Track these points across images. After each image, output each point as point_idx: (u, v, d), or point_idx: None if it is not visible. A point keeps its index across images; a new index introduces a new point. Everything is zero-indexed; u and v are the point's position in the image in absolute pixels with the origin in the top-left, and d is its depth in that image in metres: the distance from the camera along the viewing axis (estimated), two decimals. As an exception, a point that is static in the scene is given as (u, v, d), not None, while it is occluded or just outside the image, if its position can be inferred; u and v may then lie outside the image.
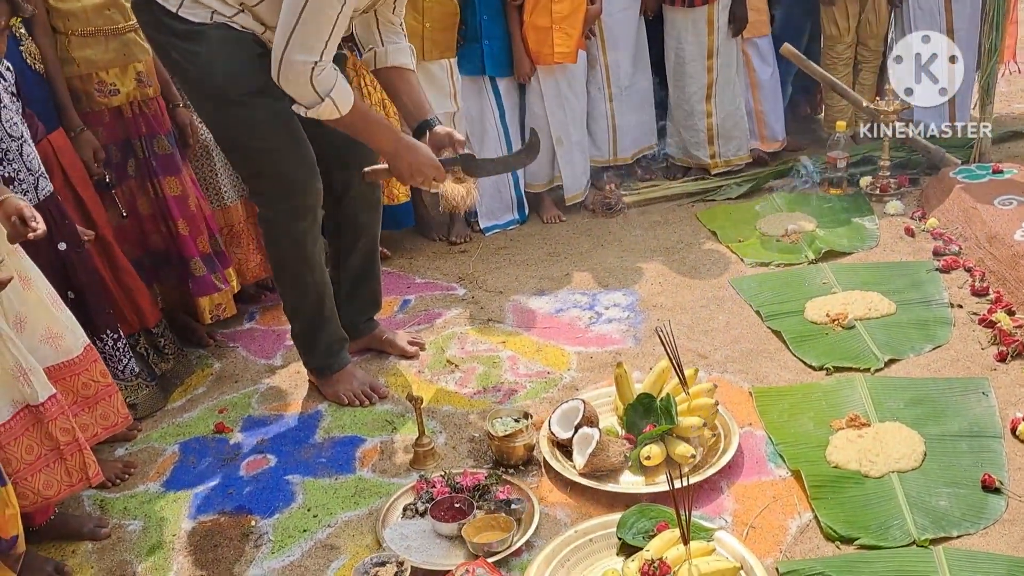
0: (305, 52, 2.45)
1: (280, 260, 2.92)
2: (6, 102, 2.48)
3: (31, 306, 2.30)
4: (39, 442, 2.24)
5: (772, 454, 2.57)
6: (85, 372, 2.46)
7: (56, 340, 2.38)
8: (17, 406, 2.20)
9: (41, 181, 2.58)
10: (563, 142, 4.35)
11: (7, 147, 2.47)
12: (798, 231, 3.96)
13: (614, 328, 3.36)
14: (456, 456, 2.70)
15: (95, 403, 2.49)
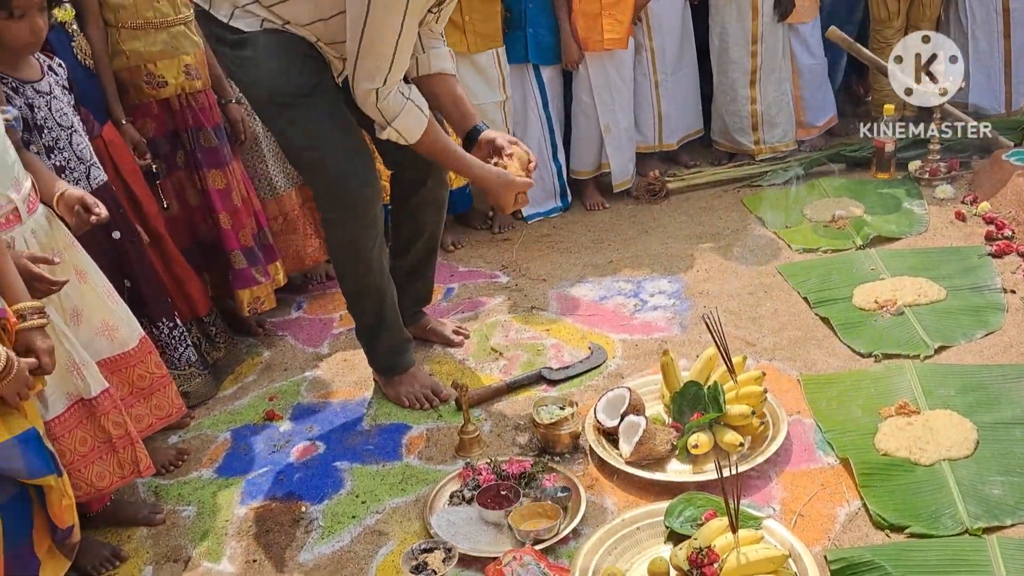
0: (368, 80, 2.47)
1: (339, 261, 2.90)
2: (57, 93, 2.53)
3: (87, 299, 2.36)
4: (92, 435, 2.30)
5: (820, 442, 2.55)
6: (140, 364, 2.52)
7: (112, 332, 2.43)
8: (71, 399, 2.26)
9: (93, 170, 2.63)
10: (611, 129, 4.34)
11: (57, 136, 2.52)
12: (846, 216, 3.91)
13: (659, 315, 3.35)
14: (501, 444, 2.71)
15: (150, 394, 2.54)
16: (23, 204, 2.14)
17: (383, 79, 2.49)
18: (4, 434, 1.79)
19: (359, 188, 2.69)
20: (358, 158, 2.70)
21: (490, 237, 4.29)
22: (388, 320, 2.93)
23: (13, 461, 1.80)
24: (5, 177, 2.10)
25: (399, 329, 2.97)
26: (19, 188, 2.14)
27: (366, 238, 2.77)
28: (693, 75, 4.70)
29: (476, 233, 4.34)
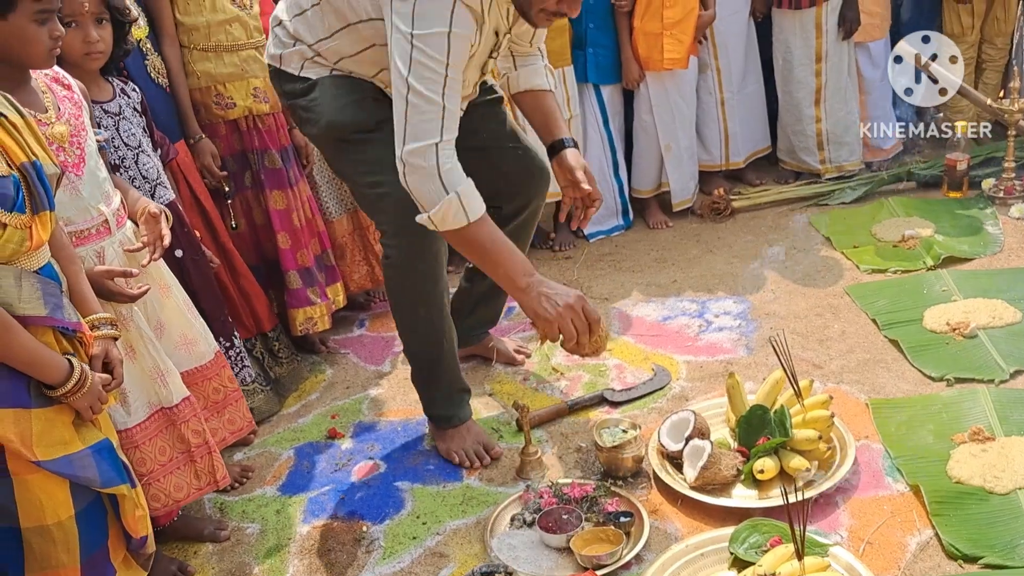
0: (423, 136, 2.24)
1: (398, 301, 2.73)
2: (127, 115, 2.61)
3: (169, 313, 2.42)
4: (171, 444, 2.35)
5: (890, 468, 2.49)
6: (216, 377, 2.57)
7: (191, 346, 2.49)
8: (152, 407, 2.32)
9: (159, 189, 2.69)
10: (671, 148, 4.31)
11: (123, 155, 2.59)
12: (916, 236, 3.82)
13: (725, 337, 3.31)
14: (563, 466, 2.70)
15: (223, 408, 2.59)
16: (112, 217, 2.22)
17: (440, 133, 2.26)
18: (79, 444, 1.83)
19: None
20: None
21: (551, 255, 4.28)
22: (445, 367, 2.77)
23: (87, 470, 1.84)
24: (97, 191, 2.19)
25: (456, 378, 2.81)
26: (109, 202, 2.23)
27: (428, 277, 2.64)
28: (759, 93, 4.66)
29: (537, 251, 4.34)
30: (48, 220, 1.82)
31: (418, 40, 2.22)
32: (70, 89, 2.21)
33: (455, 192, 2.25)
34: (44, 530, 1.82)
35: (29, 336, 1.75)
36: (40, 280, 1.80)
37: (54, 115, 2.10)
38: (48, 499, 1.81)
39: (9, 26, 1.93)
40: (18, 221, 1.73)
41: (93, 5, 2.44)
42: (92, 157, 2.20)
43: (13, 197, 1.72)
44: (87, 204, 2.17)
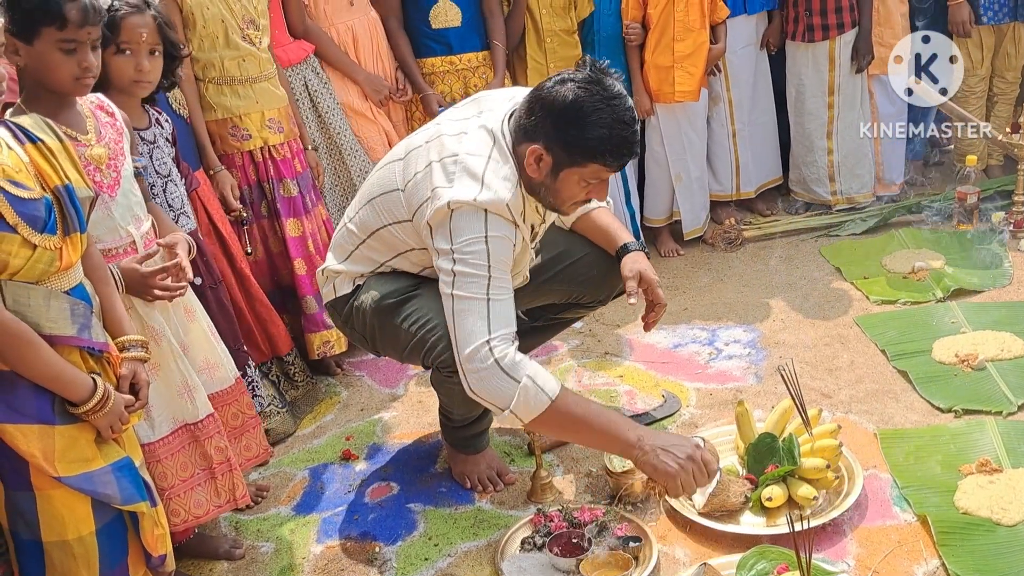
0: (472, 337, 2.26)
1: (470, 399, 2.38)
2: (160, 144, 2.68)
3: (193, 336, 2.47)
4: (193, 461, 2.40)
5: (897, 498, 2.51)
6: (235, 402, 2.61)
7: (213, 370, 2.53)
8: (177, 423, 2.37)
9: (182, 218, 2.76)
10: (682, 178, 4.36)
11: (153, 182, 2.66)
12: (926, 268, 3.86)
13: (735, 365, 3.34)
14: (573, 490, 2.73)
15: (241, 434, 2.63)
16: (140, 240, 2.29)
17: (487, 329, 2.26)
18: (100, 461, 1.88)
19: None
20: None
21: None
22: (483, 420, 2.78)
23: (108, 487, 1.89)
24: (128, 214, 2.26)
25: (487, 420, 2.80)
26: (139, 225, 2.30)
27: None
28: (771, 123, 4.71)
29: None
30: (79, 242, 1.88)
31: (458, 253, 2.28)
32: (113, 117, 2.29)
33: (525, 378, 2.23)
34: (65, 545, 1.87)
35: (53, 353, 1.80)
36: (69, 300, 1.86)
37: (94, 138, 2.18)
38: (70, 514, 1.86)
39: (35, 52, 2.01)
40: (48, 242, 1.79)
41: (150, 36, 2.52)
42: (127, 181, 2.27)
43: (44, 219, 1.79)
44: (117, 224, 2.24)
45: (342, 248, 2.69)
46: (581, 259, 2.83)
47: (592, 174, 2.32)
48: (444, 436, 2.90)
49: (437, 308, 2.39)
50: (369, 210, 2.58)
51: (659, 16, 4.08)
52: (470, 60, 3.91)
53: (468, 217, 2.28)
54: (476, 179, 2.32)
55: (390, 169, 2.57)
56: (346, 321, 2.70)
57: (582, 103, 2.24)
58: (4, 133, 1.83)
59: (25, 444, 1.79)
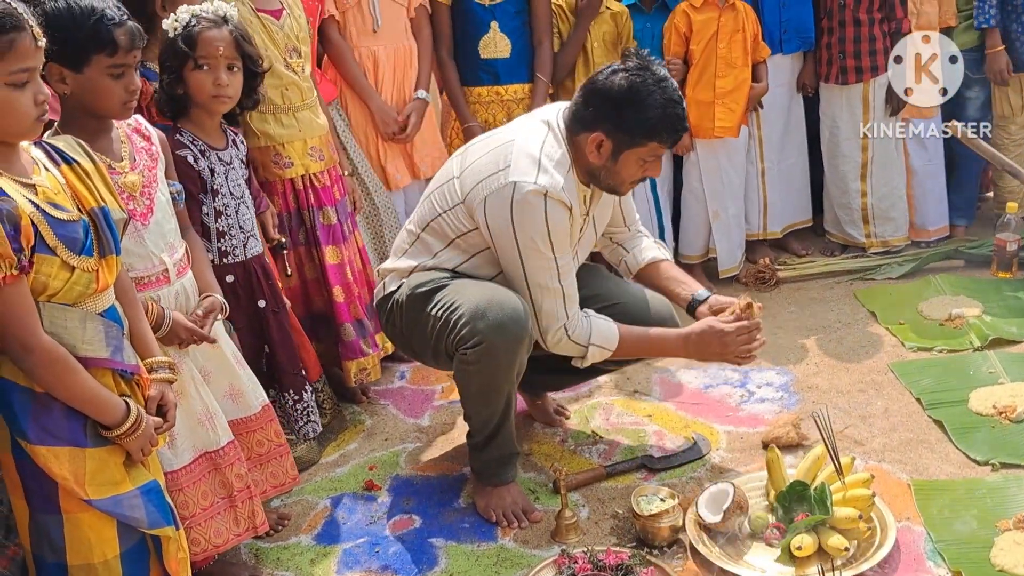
0: (554, 322, 2.65)
1: (487, 384, 2.67)
2: (235, 165, 2.72)
3: (216, 362, 2.46)
4: (214, 489, 2.39)
5: (931, 552, 2.45)
6: (260, 430, 2.59)
7: (237, 397, 2.53)
8: (198, 451, 2.36)
9: (251, 240, 2.78)
10: (719, 215, 4.33)
11: (227, 203, 2.68)
12: (963, 316, 3.79)
13: (766, 408, 3.29)
14: (598, 532, 2.69)
15: (267, 461, 2.61)
16: (173, 268, 2.28)
17: (564, 312, 2.66)
18: (128, 484, 1.88)
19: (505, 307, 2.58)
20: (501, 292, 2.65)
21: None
22: (504, 434, 2.78)
23: (135, 510, 1.88)
24: (161, 241, 2.26)
25: (512, 442, 2.82)
26: (173, 253, 2.30)
27: (512, 367, 2.63)
28: (801, 165, 4.66)
29: (581, 313, 4.35)
30: (114, 264, 1.88)
31: (522, 237, 2.57)
32: (149, 141, 2.29)
33: (591, 345, 2.70)
34: (91, 568, 1.86)
35: (90, 377, 1.80)
36: (104, 323, 1.86)
37: (128, 165, 2.19)
38: (96, 538, 1.85)
39: (84, 79, 2.02)
40: (86, 264, 1.79)
41: (228, 50, 2.55)
42: (161, 209, 2.27)
43: (82, 240, 1.79)
44: (149, 252, 2.23)
45: (399, 248, 2.86)
46: (619, 305, 2.88)
47: (650, 152, 2.60)
48: (472, 466, 2.88)
49: (465, 294, 2.61)
50: (426, 204, 2.79)
51: (701, 52, 4.08)
52: (516, 91, 3.91)
53: (530, 201, 2.54)
54: (534, 161, 2.58)
55: (448, 166, 2.81)
56: (388, 319, 2.86)
57: (637, 88, 2.52)
58: (40, 154, 1.84)
59: (57, 466, 1.78)
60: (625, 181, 2.69)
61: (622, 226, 3.06)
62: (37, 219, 1.71)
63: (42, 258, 1.73)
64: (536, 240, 2.57)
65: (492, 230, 2.61)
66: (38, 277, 1.73)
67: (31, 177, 1.77)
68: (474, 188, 2.63)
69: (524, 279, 2.62)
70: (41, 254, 1.72)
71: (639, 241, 3.08)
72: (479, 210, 2.60)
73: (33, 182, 1.76)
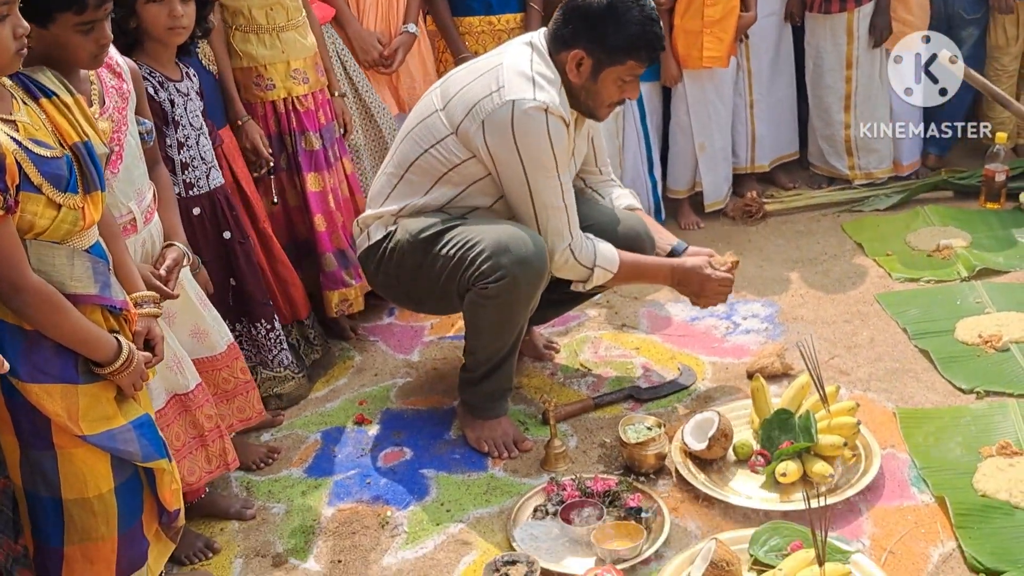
0: (560, 241, 2.66)
1: (503, 319, 2.67)
2: (192, 96, 2.67)
3: (180, 304, 2.42)
4: (185, 430, 2.40)
5: (915, 478, 2.49)
6: (226, 368, 2.59)
7: (202, 336, 2.52)
8: (169, 394, 2.36)
9: (213, 172, 2.75)
10: (706, 148, 4.30)
11: (188, 134, 2.65)
12: (950, 247, 3.80)
13: (752, 339, 3.31)
14: (586, 460, 2.71)
15: (232, 397, 2.62)
16: (141, 216, 2.24)
17: (569, 232, 2.67)
18: (121, 419, 1.88)
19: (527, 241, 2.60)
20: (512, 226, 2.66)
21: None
22: (505, 368, 2.79)
23: (129, 444, 1.88)
24: (129, 189, 2.21)
25: (510, 378, 2.83)
26: (141, 200, 2.24)
27: (530, 298, 2.66)
28: (790, 97, 4.63)
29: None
30: (99, 200, 1.85)
31: (526, 154, 2.55)
32: (120, 78, 2.21)
33: (595, 268, 2.72)
34: (85, 502, 1.86)
35: (80, 315, 1.79)
36: (91, 259, 1.84)
37: (98, 110, 2.11)
38: (90, 472, 1.86)
39: (50, 35, 1.92)
40: (72, 202, 1.76)
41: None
42: (131, 154, 2.21)
43: (66, 177, 1.76)
44: (117, 201, 2.17)
45: (380, 194, 2.81)
46: (591, 227, 2.85)
47: (628, 71, 2.62)
48: (462, 398, 2.89)
49: (481, 232, 2.60)
50: (407, 144, 2.74)
51: (691, -20, 4.01)
52: (508, 21, 3.84)
53: (532, 117, 2.53)
54: (528, 79, 2.57)
55: (428, 99, 2.77)
56: (378, 267, 2.81)
57: (615, 5, 2.55)
58: (18, 88, 1.79)
59: (50, 404, 1.78)
60: (604, 103, 2.69)
61: (594, 166, 3.04)
62: (20, 157, 1.67)
63: (27, 196, 1.69)
64: (541, 157, 2.56)
65: (494, 154, 2.58)
66: (24, 216, 1.70)
67: (11, 113, 1.73)
68: (467, 116, 2.60)
69: (530, 200, 2.63)
70: (27, 192, 1.69)
71: (612, 189, 3.07)
72: (477, 137, 2.58)
73: (14, 118, 1.72)
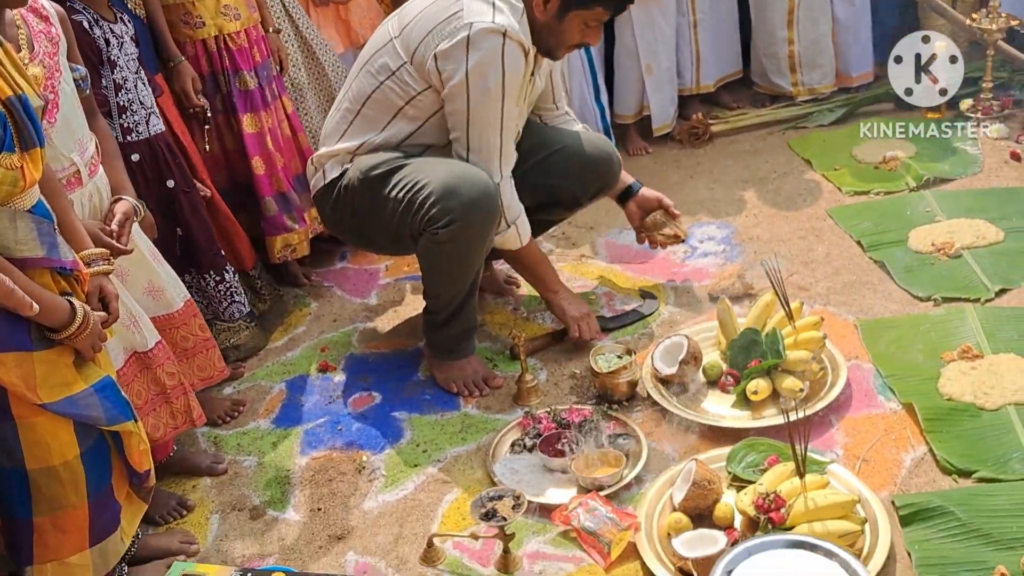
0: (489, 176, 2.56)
1: (458, 263, 2.62)
2: (127, 40, 2.57)
3: (133, 261, 2.34)
4: (147, 387, 2.34)
5: (881, 387, 2.53)
6: (184, 326, 2.53)
7: (157, 294, 2.45)
8: (128, 353, 2.29)
9: (152, 118, 2.65)
10: (652, 70, 4.25)
11: (125, 76, 2.54)
12: (897, 157, 3.84)
13: (710, 262, 3.32)
14: (558, 392, 2.71)
15: (192, 355, 2.56)
16: (85, 168, 2.13)
17: (499, 171, 2.60)
18: (81, 383, 1.81)
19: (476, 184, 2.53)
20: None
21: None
22: (467, 310, 2.75)
23: (92, 409, 1.82)
24: (70, 140, 2.09)
25: (474, 314, 2.81)
26: (83, 151, 2.13)
27: (483, 242, 2.61)
28: (732, 14, 4.59)
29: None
30: (39, 157, 1.75)
31: (474, 73, 2.46)
32: (48, 22, 2.08)
33: (513, 225, 2.67)
34: (51, 471, 1.81)
35: (29, 281, 1.70)
36: (34, 219, 1.75)
37: (27, 55, 1.98)
38: (54, 440, 1.79)
39: None
40: (8, 161, 1.66)
41: None
42: (67, 102, 2.08)
43: (1, 136, 1.65)
44: (58, 153, 2.05)
45: (335, 131, 2.73)
46: (561, 150, 2.84)
47: (594, 16, 2.55)
48: (428, 341, 2.85)
49: (428, 172, 2.53)
50: (363, 77, 2.66)
51: None
52: None
53: (487, 39, 2.45)
54: (488, 2, 2.49)
55: (383, 29, 2.69)
56: (334, 209, 2.75)
57: None
58: None
59: (4, 373, 1.70)
60: (564, 44, 2.61)
61: (551, 103, 2.99)
62: None
63: None
64: (489, 85, 2.48)
65: (444, 79, 2.50)
66: None
67: None
68: (423, 41, 2.52)
69: (467, 132, 2.55)
70: None
71: (570, 126, 3.04)
72: (430, 62, 2.50)
73: None
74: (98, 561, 1.90)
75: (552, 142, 2.91)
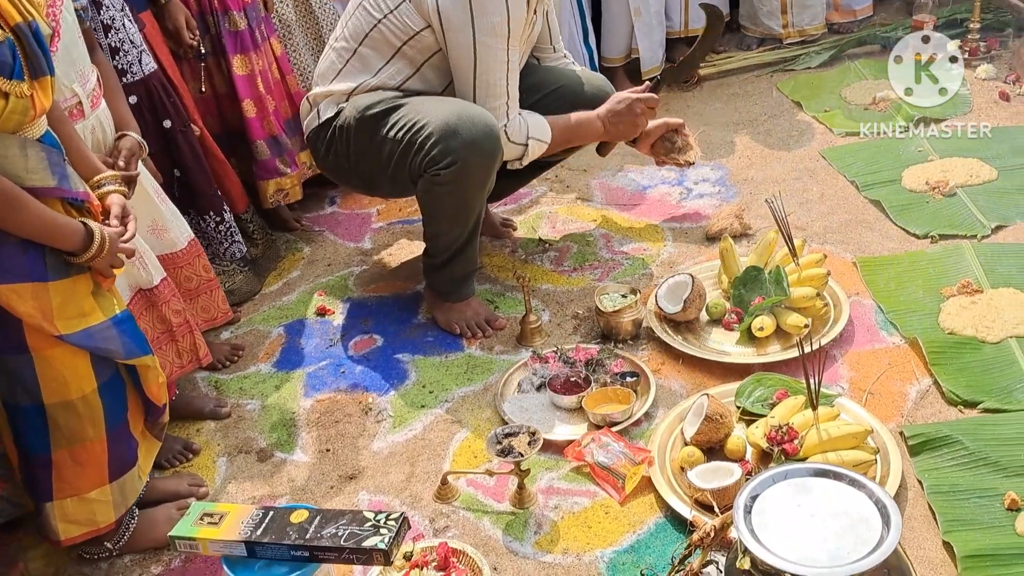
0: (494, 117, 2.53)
1: (459, 204, 2.58)
2: None
3: (137, 199, 2.27)
4: (152, 325, 2.31)
5: (883, 322, 2.55)
6: (188, 266, 2.49)
7: (161, 232, 2.40)
8: (133, 290, 2.26)
9: (144, 56, 2.57)
10: (641, 12, 4.21)
11: (113, 16, 2.47)
12: (887, 99, 3.84)
13: (707, 203, 3.32)
14: (562, 333, 2.71)
15: (196, 296, 2.53)
16: (87, 99, 2.07)
17: (506, 114, 2.58)
18: (100, 315, 1.79)
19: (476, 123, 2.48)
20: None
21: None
22: (468, 252, 2.72)
23: (110, 342, 1.80)
24: (71, 70, 2.03)
25: (474, 260, 2.78)
26: (85, 82, 2.08)
27: (486, 180, 2.57)
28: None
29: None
30: (48, 86, 1.71)
31: (479, 31, 2.43)
32: None
33: (529, 141, 2.64)
34: (69, 405, 1.79)
35: (42, 205, 1.68)
36: (44, 148, 1.71)
37: None
38: (71, 373, 1.77)
39: None
40: (19, 89, 1.62)
41: None
42: (68, 31, 2.02)
43: (10, 63, 1.61)
44: (60, 84, 1.97)
45: (330, 70, 2.68)
46: (559, 89, 2.82)
47: None
48: (428, 283, 2.83)
49: (428, 111, 2.48)
50: (360, 14, 2.60)
51: None
52: None
53: None
54: None
55: None
56: (328, 149, 2.70)
57: None
58: None
59: (21, 304, 1.67)
60: None
61: (548, 44, 2.96)
62: None
63: None
64: (494, 21, 2.43)
65: (445, 20, 2.45)
66: None
67: None
68: None
69: (473, 68, 2.50)
70: None
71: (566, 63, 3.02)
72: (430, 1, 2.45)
73: None
74: (118, 497, 1.89)
75: (550, 82, 2.87)
